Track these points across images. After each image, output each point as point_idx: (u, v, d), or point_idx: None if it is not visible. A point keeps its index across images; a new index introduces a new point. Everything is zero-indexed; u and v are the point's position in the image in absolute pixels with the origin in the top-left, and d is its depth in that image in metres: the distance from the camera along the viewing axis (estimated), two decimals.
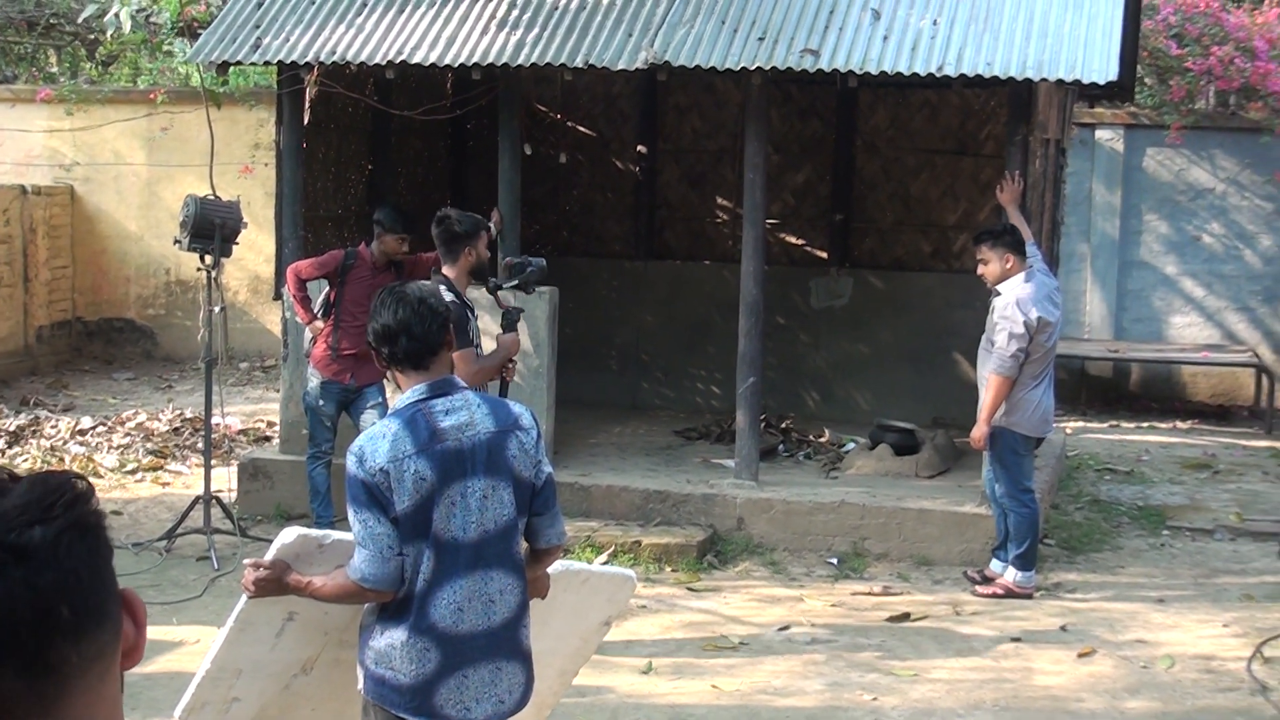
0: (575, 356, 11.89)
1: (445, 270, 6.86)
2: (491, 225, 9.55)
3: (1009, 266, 8.28)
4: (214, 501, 9.05)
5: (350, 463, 3.97)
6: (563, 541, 4.31)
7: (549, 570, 4.41)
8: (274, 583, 4.08)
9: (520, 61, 9.12)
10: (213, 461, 9.36)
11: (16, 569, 1.46)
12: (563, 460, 10.07)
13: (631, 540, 8.99)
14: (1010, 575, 8.48)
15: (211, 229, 8.76)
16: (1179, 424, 13.98)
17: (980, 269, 8.41)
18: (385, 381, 8.79)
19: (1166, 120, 14.55)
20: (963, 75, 8.62)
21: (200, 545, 8.96)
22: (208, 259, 8.85)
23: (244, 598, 4.17)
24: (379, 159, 11.61)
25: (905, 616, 8.13)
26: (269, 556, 4.14)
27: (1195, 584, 8.93)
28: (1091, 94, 11.71)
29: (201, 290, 9.18)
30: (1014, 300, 8.21)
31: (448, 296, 6.56)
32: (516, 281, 7.18)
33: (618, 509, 9.48)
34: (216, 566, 8.64)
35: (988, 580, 8.58)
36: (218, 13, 10.86)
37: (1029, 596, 8.44)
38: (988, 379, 8.28)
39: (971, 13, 9.01)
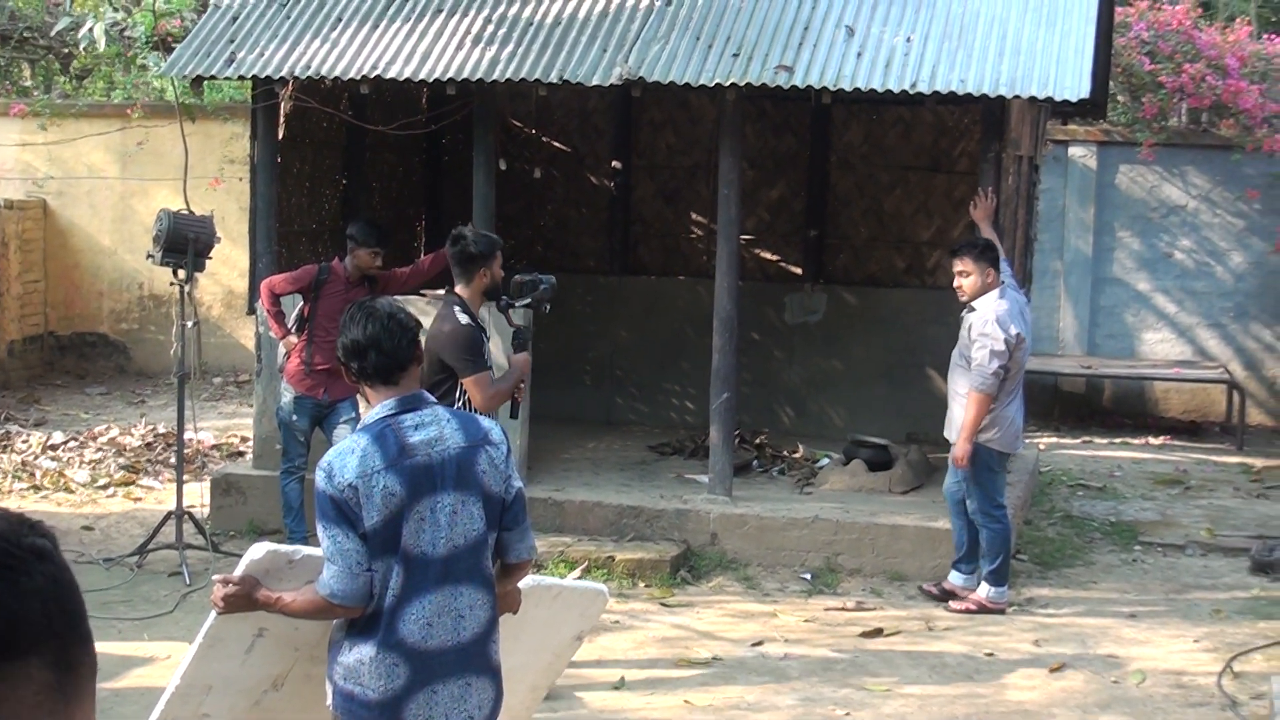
0: (550, 371, 11.89)
1: (459, 290, 6.70)
2: None
3: (989, 281, 8.32)
4: (186, 517, 9.02)
5: (319, 478, 3.97)
6: (533, 556, 4.31)
7: (520, 585, 4.41)
8: (244, 598, 4.08)
9: (495, 77, 9.13)
10: (185, 477, 9.33)
11: (41, 565, 1.52)
12: (536, 475, 10.06)
13: (605, 555, 8.99)
14: (983, 591, 8.50)
15: (185, 243, 8.75)
16: (1151, 440, 14.04)
17: (958, 281, 8.40)
18: (359, 396, 8.78)
19: (1139, 137, 14.63)
20: (936, 92, 8.66)
21: (172, 561, 8.93)
22: (181, 273, 8.83)
23: (214, 613, 4.17)
24: (353, 174, 11.60)
25: (878, 632, 8.14)
26: (238, 572, 4.13)
27: (1167, 599, 8.96)
28: (1064, 111, 11.78)
29: (175, 305, 9.16)
30: (993, 317, 8.23)
31: (462, 319, 6.53)
32: (529, 300, 7.10)
33: (591, 524, 9.47)
34: (188, 582, 8.60)
35: (948, 594, 8.61)
36: (192, 27, 10.86)
37: (1001, 612, 8.47)
38: (967, 396, 8.29)
39: (945, 30, 9.06)
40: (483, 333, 6.69)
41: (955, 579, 8.65)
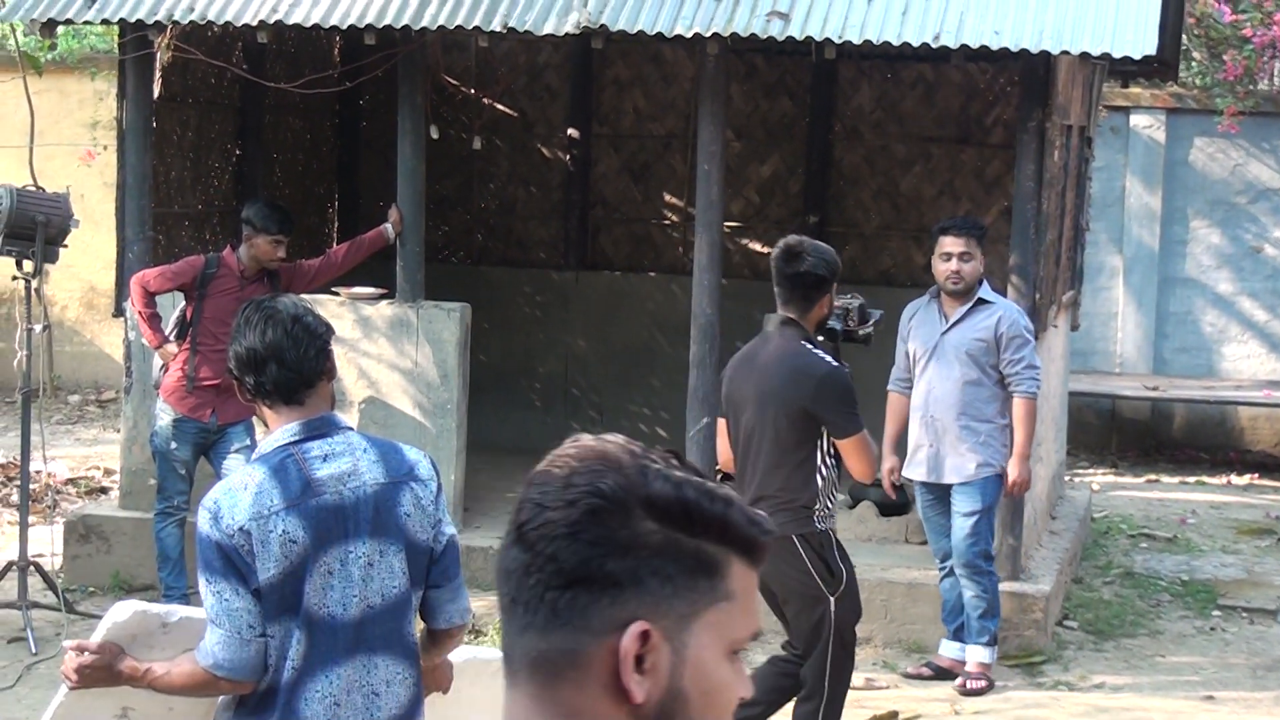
0: (490, 389, 11.88)
1: (790, 313, 6.65)
2: (389, 227, 9.63)
3: (983, 270, 8.53)
4: (31, 569, 8.98)
5: (202, 521, 3.96)
6: (467, 620, 4.32)
7: (451, 657, 4.41)
8: (104, 670, 4.06)
9: (425, 23, 9.13)
10: (31, 519, 9.28)
11: None
12: (473, 519, 10.05)
13: None
14: (982, 655, 8.52)
15: (32, 227, 8.71)
16: (1234, 479, 14.11)
17: (956, 265, 8.35)
18: (255, 420, 8.77)
19: (1219, 104, 14.72)
20: (965, 46, 8.70)
21: (14, 623, 8.88)
22: (27, 265, 8.79)
23: (65, 688, 4.15)
24: (249, 142, 11.59)
25: (893, 716, 8.16)
26: (97, 638, 4.12)
27: (1253, 677, 9.01)
28: (1125, 71, 11.85)
29: (19, 305, 9.12)
30: (1016, 315, 8.43)
31: (828, 359, 6.56)
32: (867, 332, 7.11)
33: None
34: (34, 650, 8.56)
35: (944, 672, 8.63)
36: None
37: (992, 684, 8.55)
38: (1021, 406, 8.35)
39: None
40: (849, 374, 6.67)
41: (954, 652, 8.65)
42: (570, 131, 12.84)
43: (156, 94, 10.11)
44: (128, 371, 9.95)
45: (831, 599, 6.55)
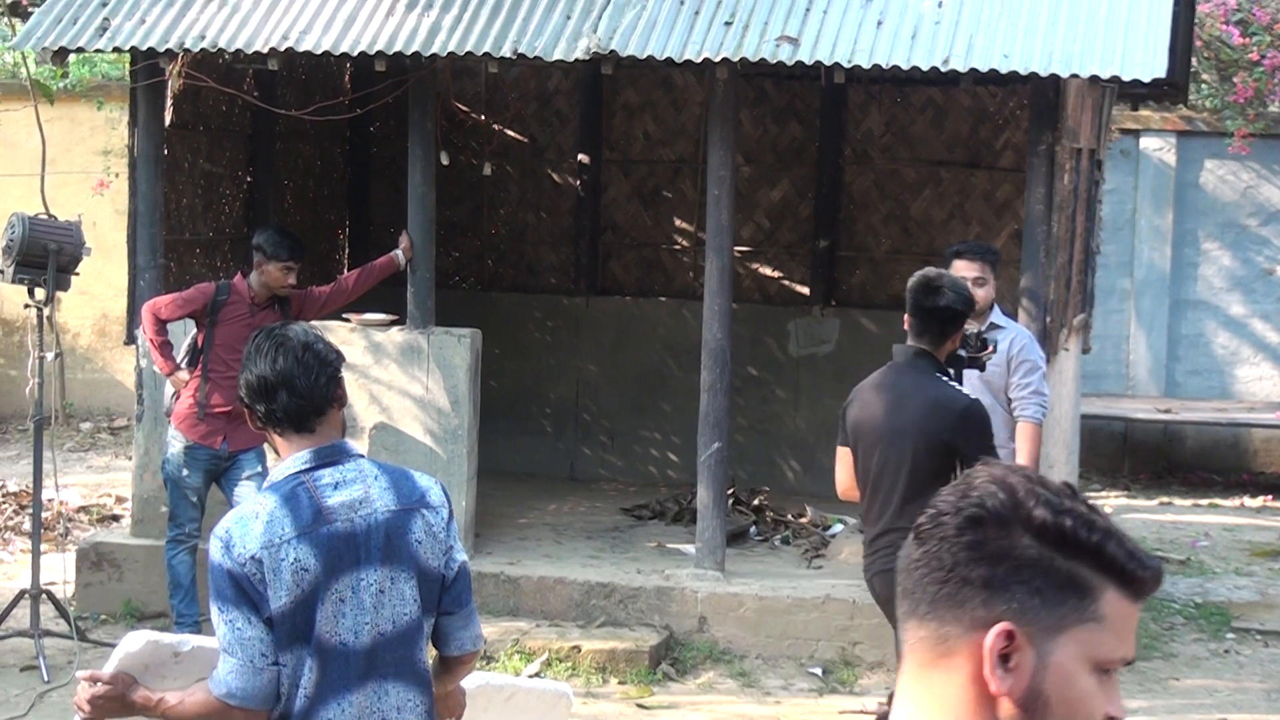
0: (501, 415, 11.88)
1: (923, 345, 6.65)
2: (400, 253, 9.64)
3: (994, 293, 8.43)
4: (44, 597, 8.98)
5: (215, 549, 3.96)
6: (479, 647, 4.31)
7: (463, 684, 4.40)
8: (116, 701, 4.06)
9: (435, 50, 9.15)
10: (44, 547, 9.28)
11: None
12: (485, 545, 10.05)
13: (569, 645, 8.97)
14: None
15: (44, 255, 8.73)
16: (1247, 501, 14.08)
17: (975, 288, 8.29)
18: (266, 447, 8.77)
19: (1229, 126, 14.74)
20: (974, 70, 8.70)
21: (26, 652, 8.88)
22: (39, 293, 8.81)
23: (78, 718, 4.15)
24: (260, 170, 11.62)
25: None
26: (110, 668, 4.11)
27: (1267, 700, 8.98)
28: (1135, 94, 11.85)
29: (31, 332, 9.12)
30: (1027, 340, 8.36)
31: (966, 390, 6.63)
32: (987, 358, 7.13)
33: (552, 606, 9.46)
34: (46, 679, 8.56)
35: None
36: None
37: None
38: (1026, 430, 8.29)
39: None
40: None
41: None
42: (580, 157, 12.86)
43: (168, 121, 10.14)
44: (139, 399, 9.96)
45: None
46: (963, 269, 8.24)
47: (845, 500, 6.99)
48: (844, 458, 6.83)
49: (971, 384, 8.27)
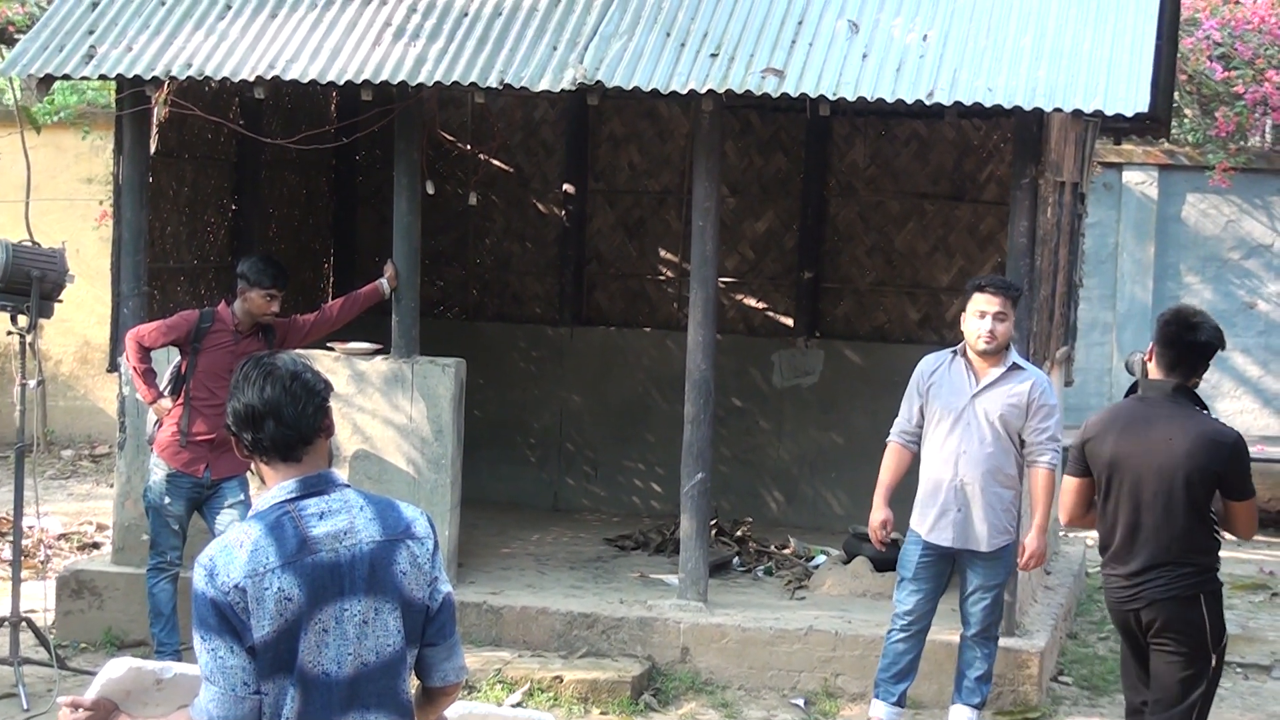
0: (485, 444, 11.87)
1: (1177, 378, 6.66)
2: (384, 282, 9.64)
3: (1013, 331, 8.31)
4: (24, 624, 8.95)
5: (198, 577, 3.95)
6: (463, 678, 4.30)
7: (447, 714, 4.39)
8: None
9: (421, 79, 9.17)
10: (24, 574, 9.25)
11: None
12: (468, 575, 10.04)
13: (551, 675, 8.96)
14: (975, 717, 8.43)
15: (27, 282, 8.71)
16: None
17: (991, 326, 8.10)
18: (249, 475, 8.76)
19: (1211, 160, 14.80)
20: (958, 103, 8.72)
21: (6, 680, 8.85)
22: (21, 320, 8.79)
23: None
24: (245, 198, 11.61)
25: None
26: (92, 694, 4.10)
27: None
28: (1118, 128, 11.90)
29: (14, 359, 9.12)
30: (1047, 385, 8.27)
31: (1227, 425, 6.69)
32: None
33: (535, 636, 9.45)
34: (26, 707, 8.53)
35: None
36: (40, 14, 10.88)
37: None
38: (1043, 476, 8.21)
39: (969, 27, 9.15)
40: None
41: (970, 717, 8.50)
42: (566, 187, 12.88)
43: (153, 149, 10.14)
44: (122, 426, 9.95)
45: (1214, 656, 6.69)
46: (984, 303, 8.10)
47: (1069, 527, 7.02)
48: (1079, 489, 6.85)
49: (991, 424, 8.19)
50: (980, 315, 8.12)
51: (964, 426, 8.20)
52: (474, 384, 10.45)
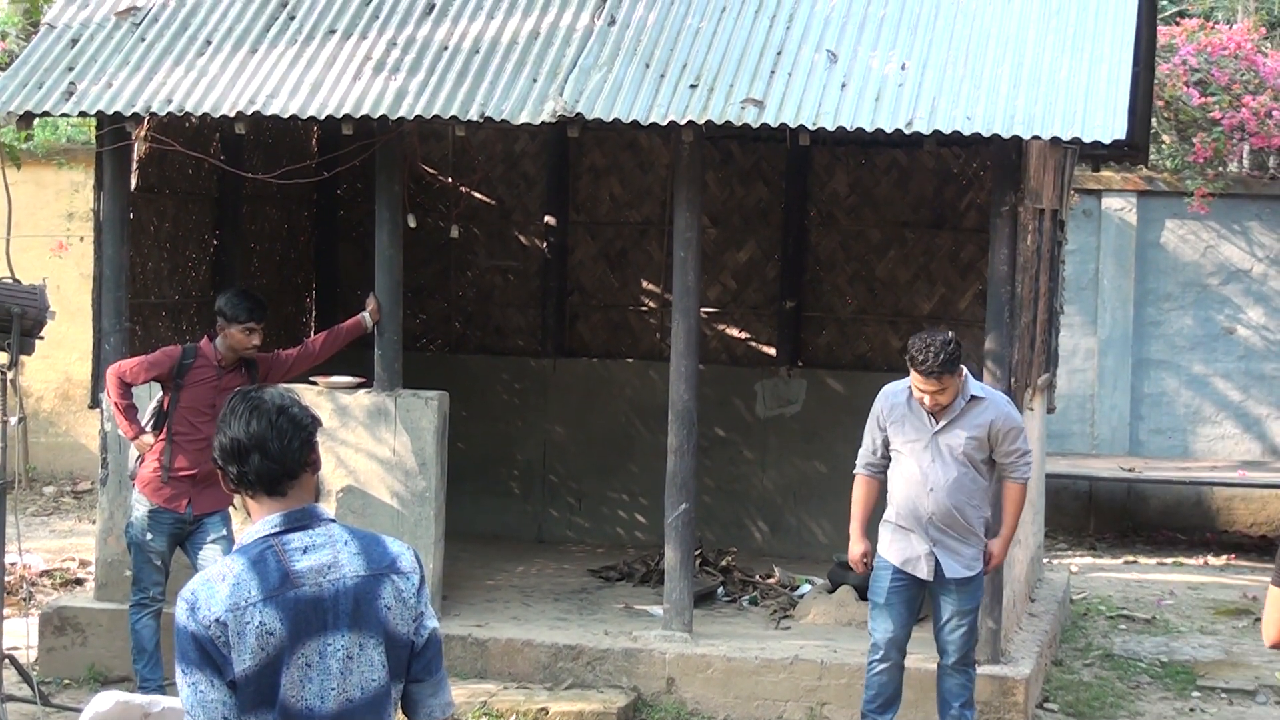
0: (468, 477, 11.85)
1: None
2: (367, 316, 9.63)
3: (962, 380, 8.18)
4: (7, 661, 8.91)
5: (180, 612, 3.94)
6: (450, 714, 4.28)
7: None
8: None
9: (402, 113, 9.17)
10: (6, 611, 9.22)
11: None
12: (452, 607, 10.01)
13: (537, 707, 8.94)
14: None
15: (8, 319, 8.69)
16: (1211, 560, 14.11)
17: (934, 401, 8.01)
18: (232, 510, 8.74)
19: (1189, 186, 14.83)
20: (937, 132, 8.75)
21: None
22: (2, 357, 8.77)
23: None
24: (227, 233, 11.60)
25: None
26: None
27: None
28: (1096, 155, 11.94)
29: None
30: (1007, 409, 8.25)
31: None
32: None
33: (520, 668, 9.43)
34: None
35: None
36: (20, 51, 10.87)
37: None
38: (1014, 490, 8.21)
39: (948, 56, 9.17)
40: None
41: None
42: (547, 219, 12.89)
43: (134, 185, 10.13)
44: (104, 462, 9.92)
45: None
46: (920, 383, 7.97)
47: (1275, 648, 5.24)
48: None
49: (955, 458, 8.11)
50: (921, 390, 8.03)
51: (929, 461, 8.13)
52: (457, 416, 10.43)
